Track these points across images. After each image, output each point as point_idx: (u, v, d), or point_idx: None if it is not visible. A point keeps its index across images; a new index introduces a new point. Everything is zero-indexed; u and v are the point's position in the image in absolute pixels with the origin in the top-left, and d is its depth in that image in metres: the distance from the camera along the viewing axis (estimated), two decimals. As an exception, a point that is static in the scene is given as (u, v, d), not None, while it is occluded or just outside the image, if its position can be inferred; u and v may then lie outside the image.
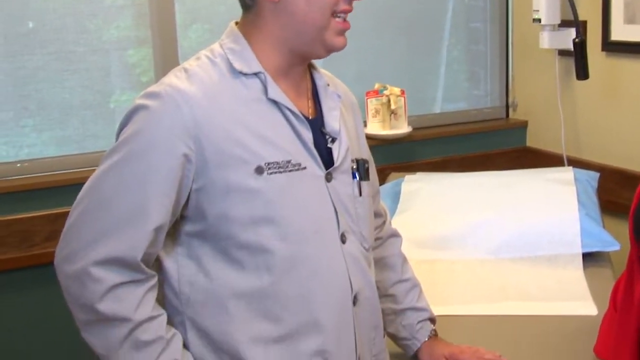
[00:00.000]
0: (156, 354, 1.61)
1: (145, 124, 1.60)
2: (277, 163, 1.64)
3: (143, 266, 1.61)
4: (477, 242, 2.81)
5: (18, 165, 3.12)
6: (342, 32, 1.72)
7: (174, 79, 1.64)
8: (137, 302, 1.60)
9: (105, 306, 1.58)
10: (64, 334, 3.18)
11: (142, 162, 1.59)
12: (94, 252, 1.58)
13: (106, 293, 1.58)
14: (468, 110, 4.06)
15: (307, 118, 1.73)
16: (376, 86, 3.63)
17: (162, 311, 1.66)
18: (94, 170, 1.66)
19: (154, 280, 1.65)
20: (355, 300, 1.75)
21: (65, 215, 1.64)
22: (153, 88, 1.65)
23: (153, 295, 1.64)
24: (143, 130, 1.60)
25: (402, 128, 3.63)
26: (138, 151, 1.59)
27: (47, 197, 3.06)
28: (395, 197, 3.11)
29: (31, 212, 3.04)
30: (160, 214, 1.59)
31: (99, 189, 1.62)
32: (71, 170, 3.17)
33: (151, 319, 1.62)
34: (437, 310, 2.15)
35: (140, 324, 1.60)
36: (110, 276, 1.58)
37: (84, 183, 1.66)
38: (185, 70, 1.67)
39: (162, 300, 1.71)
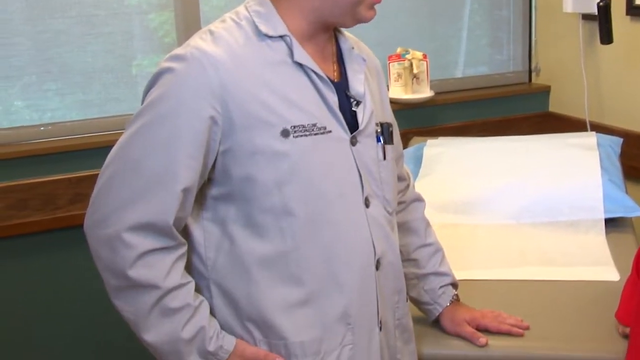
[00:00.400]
0: (184, 320, 1.63)
1: (171, 87, 1.60)
2: (303, 126, 1.64)
3: (175, 231, 1.62)
4: (499, 207, 2.81)
5: (41, 128, 3.13)
6: (373, 6, 1.71)
7: (199, 41, 1.64)
8: (167, 269, 1.61)
9: (136, 272, 1.59)
10: (87, 296, 3.21)
11: (168, 124, 1.59)
12: (125, 217, 1.59)
13: (137, 259, 1.59)
14: (490, 74, 4.04)
15: (332, 81, 1.72)
16: (398, 50, 3.62)
17: (190, 279, 1.67)
18: (117, 133, 1.66)
19: (184, 249, 1.66)
20: (378, 265, 1.76)
21: (87, 178, 1.66)
22: (178, 50, 1.64)
23: (182, 263, 1.65)
24: (169, 93, 1.60)
25: (424, 92, 3.62)
26: (164, 114, 1.59)
27: (70, 160, 3.07)
28: (417, 161, 3.11)
29: (54, 175, 3.06)
30: (187, 175, 1.59)
31: (127, 153, 1.62)
32: (94, 134, 3.18)
33: (180, 286, 1.63)
34: (458, 275, 2.15)
35: (170, 291, 1.61)
36: (142, 242, 1.59)
37: (106, 146, 1.67)
38: (211, 32, 1.66)
39: (188, 266, 1.72)
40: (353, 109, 1.75)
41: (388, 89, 3.53)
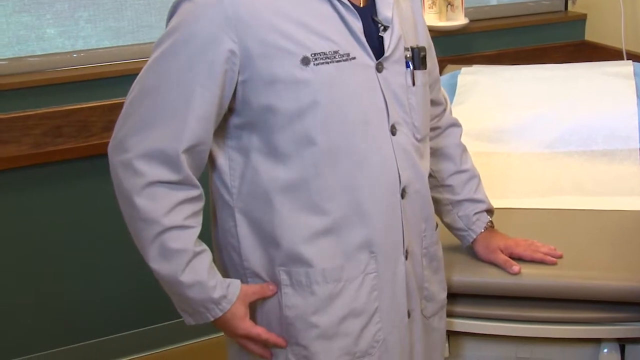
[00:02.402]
0: (183, 264, 1.62)
1: (187, 16, 1.58)
2: (324, 53, 1.61)
3: (184, 167, 1.60)
4: (533, 136, 2.79)
5: (74, 55, 3.14)
6: None
7: None
8: (169, 206, 1.60)
9: (141, 201, 1.60)
10: (120, 223, 3.24)
11: (184, 53, 1.57)
12: (138, 143, 1.59)
13: (144, 188, 1.59)
14: (526, 2, 3.97)
15: (357, 7, 1.68)
16: (433, -23, 3.58)
17: (196, 224, 1.65)
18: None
19: (195, 192, 1.64)
20: (403, 193, 1.75)
21: (121, 105, 1.66)
22: None
23: (190, 206, 1.63)
24: (185, 22, 1.58)
25: (459, 20, 3.58)
26: (180, 43, 1.58)
27: (103, 87, 3.08)
28: (452, 89, 3.08)
29: (88, 103, 3.07)
30: (202, 105, 1.58)
31: (145, 80, 1.62)
32: (126, 61, 3.19)
33: (181, 227, 1.62)
34: (492, 203, 2.15)
35: (168, 229, 1.60)
36: (151, 171, 1.59)
37: (138, 73, 1.66)
38: None
39: (215, 194, 1.74)
40: (380, 34, 1.72)
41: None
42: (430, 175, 1.89)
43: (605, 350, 2.09)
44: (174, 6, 1.63)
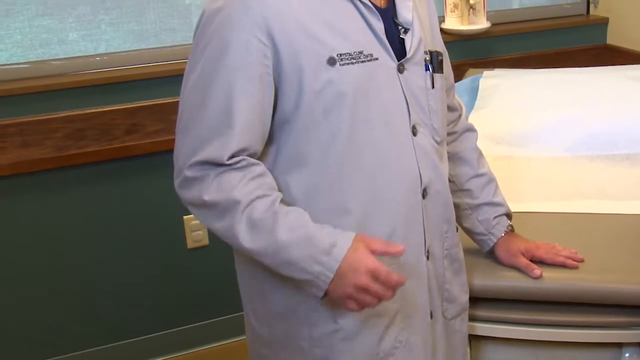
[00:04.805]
0: (271, 224, 1.57)
1: (216, 28, 1.59)
2: (349, 54, 1.62)
3: (233, 159, 1.59)
4: (555, 139, 2.79)
5: (97, 58, 3.16)
6: None
7: None
8: (235, 183, 1.58)
9: (209, 196, 1.59)
10: (142, 225, 3.25)
11: (220, 66, 1.58)
12: (188, 161, 1.61)
13: (210, 183, 1.59)
14: (548, 5, 3.98)
15: (379, 8, 1.69)
16: (454, -20, 3.58)
17: (272, 193, 1.61)
18: (172, 64, 1.66)
19: (256, 170, 1.62)
20: (424, 193, 1.75)
21: (143, 109, 1.67)
22: None
23: (257, 180, 1.60)
24: (215, 34, 1.59)
25: (481, 23, 3.58)
26: (214, 56, 1.59)
27: (125, 90, 3.10)
28: (473, 93, 3.08)
29: (111, 106, 3.09)
30: (244, 116, 1.58)
31: (189, 102, 1.63)
32: (149, 64, 3.20)
33: (257, 198, 1.58)
34: (513, 207, 2.14)
35: (249, 203, 1.57)
36: (204, 172, 1.59)
37: (161, 77, 1.67)
38: None
39: None
40: (401, 36, 1.73)
41: (444, 20, 3.54)
42: (448, 180, 1.90)
43: (627, 355, 2.08)
44: (201, 21, 1.64)
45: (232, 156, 1.59)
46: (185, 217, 3.31)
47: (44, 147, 3.02)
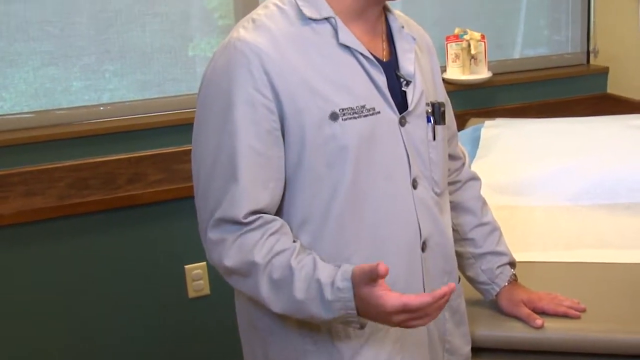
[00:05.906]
0: (290, 283, 1.56)
1: (220, 84, 1.60)
2: (352, 109, 1.62)
3: (249, 217, 1.59)
4: (557, 189, 2.79)
5: (101, 108, 3.18)
6: None
7: (241, 31, 1.62)
8: (253, 244, 1.58)
9: (230, 261, 1.59)
10: (145, 275, 3.25)
11: (226, 125, 1.58)
12: (208, 223, 1.61)
13: (228, 250, 1.59)
14: (548, 55, 4.00)
15: (381, 61, 1.70)
16: (456, 31, 3.61)
17: (288, 246, 1.60)
18: (175, 113, 1.66)
19: (273, 226, 1.61)
20: (424, 246, 1.75)
21: (146, 158, 1.67)
22: (221, 45, 1.64)
23: (274, 237, 1.60)
24: (220, 93, 1.59)
25: (482, 73, 3.61)
26: (220, 116, 1.59)
27: (129, 140, 3.11)
28: (475, 142, 3.09)
29: (114, 155, 3.10)
30: (252, 170, 1.58)
31: (201, 163, 1.64)
32: (152, 114, 3.22)
33: (275, 255, 1.58)
34: (515, 257, 2.14)
35: (266, 264, 1.57)
36: (223, 235, 1.59)
37: (165, 126, 1.68)
38: (253, 20, 1.64)
39: None
40: (403, 88, 1.73)
41: (445, 70, 3.56)
42: (452, 229, 1.90)
43: (631, 405, 2.07)
44: (205, 78, 1.65)
45: (249, 214, 1.58)
46: (186, 266, 3.30)
47: (47, 196, 3.03)
